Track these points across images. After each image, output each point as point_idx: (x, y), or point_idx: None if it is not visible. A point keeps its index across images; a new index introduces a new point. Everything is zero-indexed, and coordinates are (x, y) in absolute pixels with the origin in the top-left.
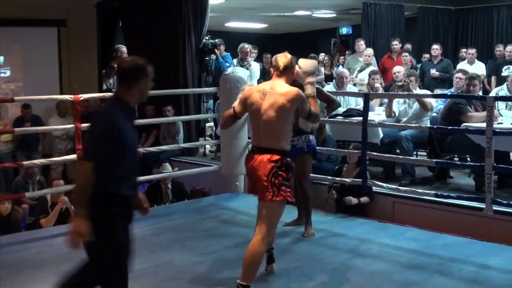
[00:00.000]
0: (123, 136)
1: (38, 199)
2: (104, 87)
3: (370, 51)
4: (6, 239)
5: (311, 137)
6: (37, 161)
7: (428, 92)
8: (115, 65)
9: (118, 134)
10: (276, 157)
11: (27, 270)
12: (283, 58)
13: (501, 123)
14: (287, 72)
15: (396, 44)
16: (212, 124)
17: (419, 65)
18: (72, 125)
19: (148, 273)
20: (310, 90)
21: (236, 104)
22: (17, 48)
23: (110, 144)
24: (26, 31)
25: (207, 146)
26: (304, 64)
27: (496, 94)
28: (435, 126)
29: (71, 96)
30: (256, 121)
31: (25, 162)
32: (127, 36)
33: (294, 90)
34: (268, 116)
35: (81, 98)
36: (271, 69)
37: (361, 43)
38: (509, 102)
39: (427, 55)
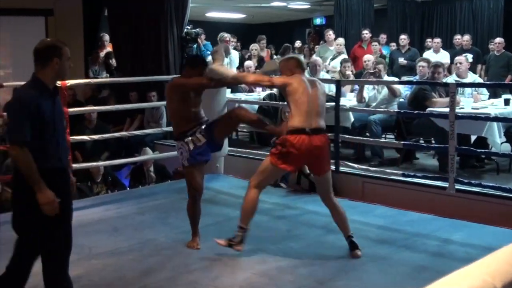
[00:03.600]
0: (38, 110)
1: None
2: (90, 74)
3: (341, 40)
4: None
5: None
6: None
7: (396, 79)
8: (100, 53)
9: (33, 109)
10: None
11: None
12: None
13: (463, 108)
14: None
15: (366, 33)
16: None
17: (387, 54)
18: None
19: (133, 249)
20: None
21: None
22: (7, 37)
23: (27, 121)
24: (15, 20)
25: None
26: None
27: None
28: (402, 111)
29: (59, 82)
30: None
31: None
32: (112, 25)
33: None
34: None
35: (68, 84)
36: (295, 68)
37: (329, 33)
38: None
39: (393, 44)
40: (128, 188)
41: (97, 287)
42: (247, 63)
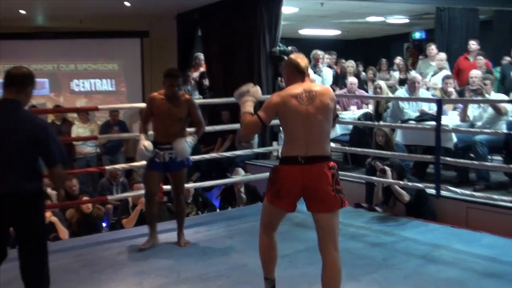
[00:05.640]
0: None
1: (121, 200)
2: None
3: (442, 55)
4: (89, 239)
5: None
6: (118, 166)
7: (505, 97)
8: (192, 73)
9: None
10: (332, 163)
11: (107, 270)
12: (305, 60)
13: None
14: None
15: (473, 44)
16: None
17: (497, 69)
18: None
19: (221, 275)
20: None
21: (261, 113)
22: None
23: None
24: (112, 42)
25: (280, 150)
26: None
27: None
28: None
29: None
30: (302, 129)
31: (107, 167)
32: (206, 45)
33: (328, 87)
34: (319, 121)
35: None
36: (290, 72)
37: (432, 48)
38: None
39: (508, 58)
40: (218, 210)
41: None
42: (352, 79)
